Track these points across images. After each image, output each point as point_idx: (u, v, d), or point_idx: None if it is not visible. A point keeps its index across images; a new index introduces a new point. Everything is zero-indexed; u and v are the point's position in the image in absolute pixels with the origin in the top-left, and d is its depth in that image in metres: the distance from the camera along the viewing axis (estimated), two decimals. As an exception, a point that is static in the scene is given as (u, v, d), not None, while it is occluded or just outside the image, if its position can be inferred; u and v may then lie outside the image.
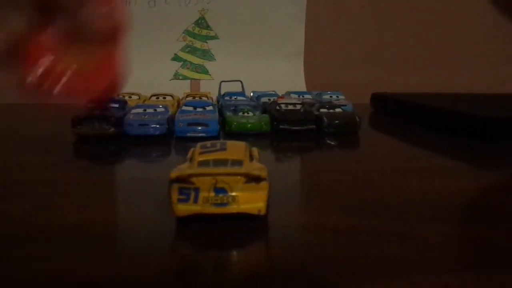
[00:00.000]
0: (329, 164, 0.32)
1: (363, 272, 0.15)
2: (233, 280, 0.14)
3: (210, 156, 0.18)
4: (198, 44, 0.62)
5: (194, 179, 0.16)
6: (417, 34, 0.68)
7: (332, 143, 0.37)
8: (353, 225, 0.19)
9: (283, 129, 0.38)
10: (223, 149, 0.18)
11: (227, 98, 0.49)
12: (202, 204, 0.16)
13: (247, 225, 0.17)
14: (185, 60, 0.62)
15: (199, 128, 0.35)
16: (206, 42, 0.62)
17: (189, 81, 0.62)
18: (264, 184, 0.17)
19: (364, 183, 0.26)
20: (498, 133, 0.37)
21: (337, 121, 0.39)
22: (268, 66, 0.62)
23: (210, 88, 0.58)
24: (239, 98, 0.49)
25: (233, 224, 0.17)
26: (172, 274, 0.15)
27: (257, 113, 0.40)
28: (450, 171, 0.29)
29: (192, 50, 0.62)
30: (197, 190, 0.16)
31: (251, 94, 0.53)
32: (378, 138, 0.41)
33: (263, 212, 0.17)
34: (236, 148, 0.19)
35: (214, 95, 0.54)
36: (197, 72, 0.62)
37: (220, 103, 0.48)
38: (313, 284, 0.14)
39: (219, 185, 0.16)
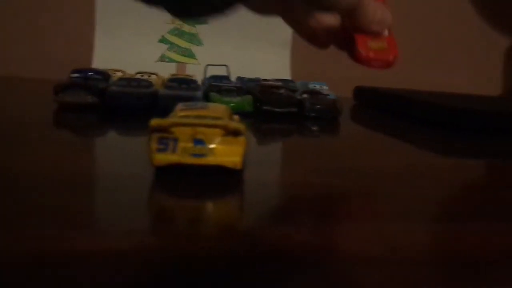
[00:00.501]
0: (309, 140, 0.32)
1: (334, 221, 0.15)
2: (207, 231, 0.14)
3: (191, 112, 0.18)
4: (186, 27, 0.61)
5: (173, 129, 0.17)
6: (404, 34, 0.69)
7: (313, 126, 0.38)
8: (327, 183, 0.19)
9: (266, 110, 0.38)
10: (204, 107, 0.19)
11: (212, 80, 0.49)
12: (180, 154, 0.17)
13: (223, 179, 0.18)
14: (172, 43, 0.62)
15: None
16: (195, 26, 0.62)
17: (175, 64, 0.61)
18: (241, 138, 0.17)
19: (340, 156, 0.27)
20: (471, 125, 0.39)
21: (318, 106, 0.40)
22: (255, 54, 0.62)
23: (195, 73, 0.58)
24: (224, 81, 0.49)
25: (210, 177, 0.18)
26: (147, 223, 0.15)
27: (244, 95, 0.40)
28: (418, 152, 0.31)
29: (180, 33, 0.62)
30: (176, 140, 0.17)
31: (236, 79, 0.54)
32: (357, 126, 0.42)
33: (238, 166, 0.17)
34: (216, 108, 0.19)
35: (200, 79, 0.54)
36: (183, 55, 0.62)
37: (205, 85, 0.48)
38: (285, 235, 0.14)
39: (198, 136, 0.17)
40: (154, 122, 0.17)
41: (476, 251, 0.14)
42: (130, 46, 0.60)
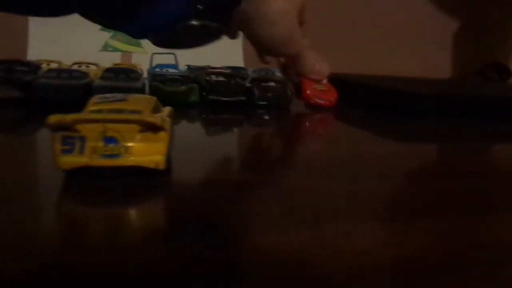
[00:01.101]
0: (254, 131, 0.31)
1: (261, 223, 0.14)
2: (124, 242, 0.12)
3: (106, 106, 0.16)
4: (130, 14, 0.58)
5: (79, 127, 0.14)
6: (360, 21, 0.69)
7: (262, 115, 0.36)
8: (260, 180, 0.18)
9: (212, 99, 0.36)
10: (123, 100, 0.16)
11: (158, 69, 0.46)
12: (89, 155, 0.14)
13: (145, 181, 0.16)
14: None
15: (120, 95, 0.32)
16: (139, 13, 0.58)
17: (119, 53, 0.58)
18: (163, 134, 0.15)
19: (281, 147, 0.25)
20: (421, 109, 0.38)
21: (269, 94, 0.38)
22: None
23: (141, 60, 0.54)
24: (171, 70, 0.46)
25: (129, 179, 0.15)
26: (57, 235, 0.12)
27: (189, 84, 0.38)
28: (367, 139, 0.30)
29: (123, 20, 0.58)
30: (83, 139, 0.14)
31: (185, 67, 0.51)
32: (307, 114, 0.40)
33: (161, 166, 0.15)
34: (138, 100, 0.17)
35: (146, 68, 0.51)
36: (128, 44, 0.58)
37: (150, 74, 0.45)
38: (213, 238, 0.12)
39: (109, 133, 0.14)
40: (53, 118, 0.14)
41: (425, 255, 0.13)
42: (69, 34, 0.55)
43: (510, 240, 0.14)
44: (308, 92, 0.39)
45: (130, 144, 0.14)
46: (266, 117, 0.35)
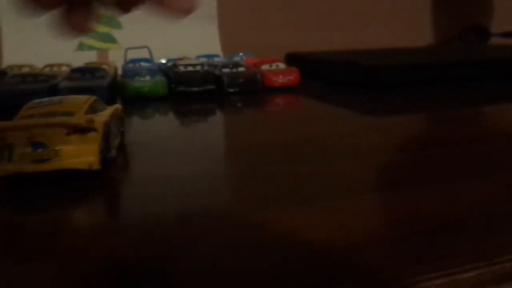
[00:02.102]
0: (226, 121, 0.31)
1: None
2: (64, 246, 0.12)
3: (38, 110, 0.16)
4: (101, 11, 0.57)
5: (5, 135, 0.14)
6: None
7: (232, 102, 0.36)
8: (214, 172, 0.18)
9: (181, 91, 0.36)
10: (58, 103, 0.16)
11: (130, 65, 0.46)
12: (18, 162, 0.14)
13: (84, 181, 0.16)
14: (89, 29, 0.57)
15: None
16: (111, 9, 0.58)
17: (95, 52, 0.57)
18: (93, 135, 0.15)
19: (251, 133, 0.25)
20: (386, 81, 0.38)
21: (239, 80, 0.38)
22: (181, 31, 0.59)
23: (119, 58, 0.54)
24: (144, 64, 0.46)
25: (69, 182, 0.16)
26: None
27: (156, 77, 0.38)
28: (342, 117, 0.30)
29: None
30: (10, 146, 0.14)
31: (162, 60, 0.51)
32: (282, 93, 0.40)
33: (95, 166, 0.15)
34: (73, 101, 0.17)
35: (121, 64, 0.51)
36: (104, 41, 0.58)
37: (124, 70, 0.45)
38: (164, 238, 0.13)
39: (36, 139, 0.14)
40: None
41: (427, 217, 0.13)
42: (43, 35, 0.55)
43: (489, 200, 0.14)
44: (266, 76, 0.39)
45: (58, 147, 0.15)
46: (237, 104, 0.35)
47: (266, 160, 0.20)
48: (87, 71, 0.36)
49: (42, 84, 0.33)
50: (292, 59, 0.55)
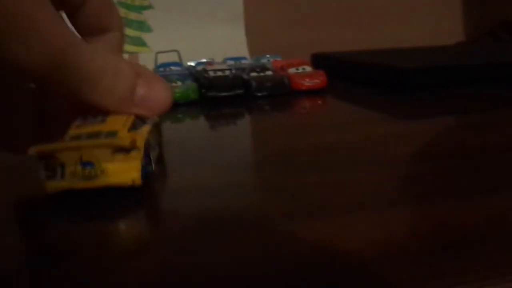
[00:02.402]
0: (255, 125, 0.32)
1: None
2: (116, 254, 0.14)
3: (84, 129, 0.17)
4: (132, 15, 0.59)
5: (58, 155, 0.16)
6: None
7: (261, 106, 0.37)
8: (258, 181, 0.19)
9: (211, 96, 0.37)
10: (101, 121, 0.18)
11: (161, 69, 0.48)
12: (69, 179, 0.16)
13: (130, 195, 0.17)
14: (121, 34, 0.59)
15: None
16: (141, 13, 0.59)
17: (127, 55, 0.60)
18: (135, 153, 0.16)
19: (281, 139, 0.26)
20: (417, 83, 0.38)
21: (267, 84, 0.39)
22: (208, 33, 0.60)
23: (150, 61, 0.56)
24: (174, 68, 0.48)
25: (114, 196, 0.17)
26: (51, 252, 0.14)
27: (187, 82, 0.39)
28: (372, 122, 0.30)
29: (127, 22, 0.59)
30: (62, 165, 0.16)
31: (189, 63, 0.52)
32: (309, 96, 0.41)
33: (138, 182, 0.17)
34: (115, 121, 0.18)
35: (151, 68, 0.52)
36: (134, 45, 0.60)
37: (154, 75, 0.47)
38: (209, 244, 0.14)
39: (85, 158, 0.16)
40: (35, 149, 0.16)
41: (454, 231, 0.14)
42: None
43: None
44: (294, 80, 0.39)
45: (105, 165, 0.16)
46: (265, 108, 0.36)
47: (296, 168, 0.21)
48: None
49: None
50: (318, 59, 0.55)
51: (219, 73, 0.39)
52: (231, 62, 0.50)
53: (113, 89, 0.17)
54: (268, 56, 0.52)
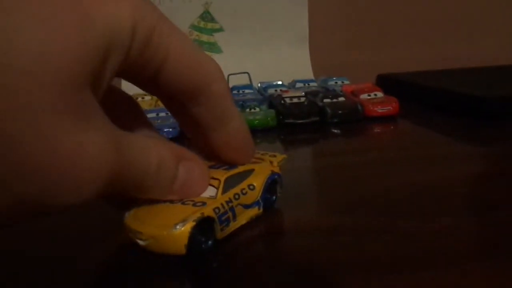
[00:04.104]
0: (333, 157, 0.33)
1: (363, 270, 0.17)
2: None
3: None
4: (204, 37, 0.63)
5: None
6: (420, 10, 0.67)
7: (337, 132, 0.38)
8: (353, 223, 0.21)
9: (288, 123, 0.40)
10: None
11: (235, 92, 0.51)
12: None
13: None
14: (193, 55, 0.63)
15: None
16: (212, 35, 0.63)
17: (198, 75, 0.63)
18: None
19: (367, 178, 0.27)
20: (497, 112, 0.38)
21: (340, 111, 0.40)
22: (274, 54, 0.63)
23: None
24: (246, 91, 0.51)
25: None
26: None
27: (263, 107, 0.42)
28: (457, 156, 0.30)
29: (199, 44, 0.63)
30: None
31: (259, 85, 0.55)
32: (382, 123, 0.42)
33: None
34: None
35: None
36: (205, 65, 0.63)
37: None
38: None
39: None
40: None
41: None
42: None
43: None
44: (367, 106, 0.41)
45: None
46: (338, 135, 0.38)
47: (389, 211, 0.22)
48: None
49: (173, 118, 0.38)
50: (385, 81, 0.56)
51: (295, 100, 0.42)
52: (300, 84, 0.52)
53: (156, 184, 0.17)
54: (334, 78, 0.53)
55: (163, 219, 0.17)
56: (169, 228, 0.17)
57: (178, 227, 0.17)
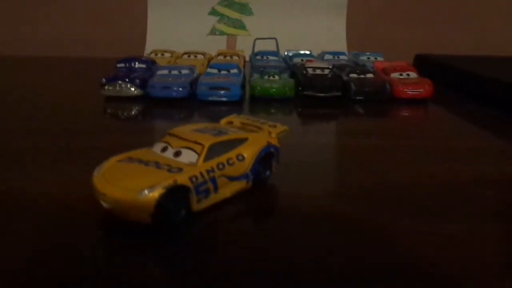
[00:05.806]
0: (349, 137, 0.30)
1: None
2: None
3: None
4: (236, -3, 0.60)
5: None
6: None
7: (360, 111, 0.35)
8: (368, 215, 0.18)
9: (307, 95, 0.37)
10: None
11: (258, 57, 0.48)
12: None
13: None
14: (222, 15, 0.61)
15: (222, 92, 0.35)
16: (245, -5, 0.60)
17: (225, 37, 0.61)
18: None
19: (382, 165, 0.25)
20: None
21: (366, 89, 0.37)
22: (308, 20, 0.59)
23: (247, 44, 0.57)
24: (271, 57, 0.48)
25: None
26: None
27: (284, 76, 0.39)
28: (487, 152, 0.27)
29: (230, 4, 0.60)
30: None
31: (285, 53, 0.52)
32: (411, 106, 0.38)
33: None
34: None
35: (248, 52, 0.53)
36: (234, 27, 0.60)
37: (251, 63, 0.47)
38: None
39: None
40: None
41: None
42: (181, 21, 0.60)
43: None
44: (396, 86, 0.37)
45: None
46: (362, 114, 0.35)
47: (394, 205, 0.20)
48: (223, 67, 0.39)
49: (185, 78, 0.36)
50: (422, 62, 0.52)
51: (318, 71, 0.39)
52: (329, 57, 0.49)
53: None
54: (368, 53, 0.49)
55: (131, 182, 0.15)
56: (135, 193, 0.15)
57: (145, 192, 0.15)
